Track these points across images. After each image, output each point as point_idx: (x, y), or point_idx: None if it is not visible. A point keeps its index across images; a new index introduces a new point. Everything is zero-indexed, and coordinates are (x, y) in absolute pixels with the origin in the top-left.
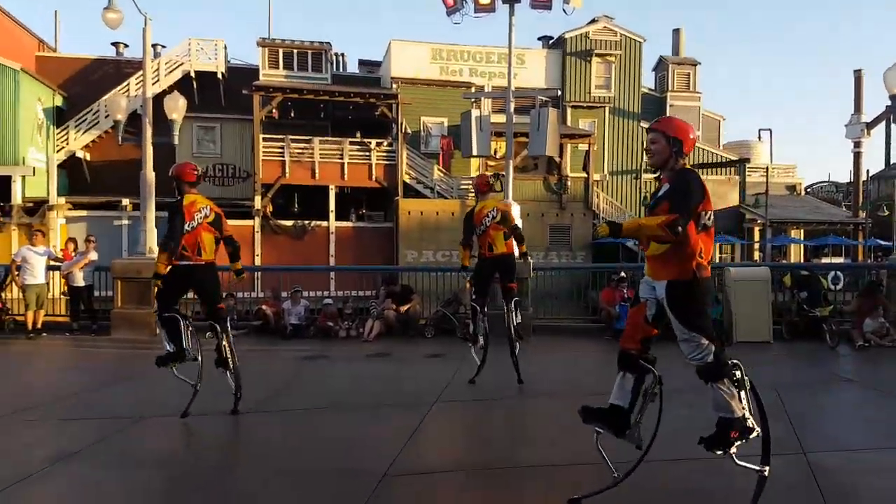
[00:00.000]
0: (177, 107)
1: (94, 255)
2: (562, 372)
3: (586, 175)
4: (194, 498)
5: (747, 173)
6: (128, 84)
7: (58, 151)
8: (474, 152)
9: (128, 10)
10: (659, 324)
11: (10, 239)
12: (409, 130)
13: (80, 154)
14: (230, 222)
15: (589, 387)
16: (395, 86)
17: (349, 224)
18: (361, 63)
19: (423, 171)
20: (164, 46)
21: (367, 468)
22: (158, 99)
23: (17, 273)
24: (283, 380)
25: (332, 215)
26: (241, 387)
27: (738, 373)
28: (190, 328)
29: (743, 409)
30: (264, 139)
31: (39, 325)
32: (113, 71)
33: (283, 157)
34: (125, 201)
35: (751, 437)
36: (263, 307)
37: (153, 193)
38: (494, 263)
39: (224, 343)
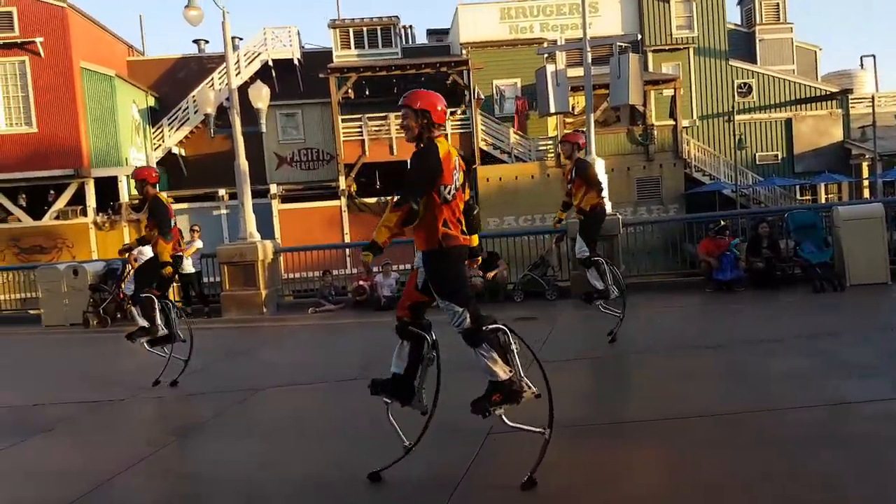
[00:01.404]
0: (261, 95)
1: (199, 244)
2: (660, 328)
3: (674, 122)
4: (316, 460)
5: (851, 105)
6: (212, 78)
7: (155, 149)
8: (552, 109)
9: (206, 7)
10: (428, 291)
11: (121, 235)
12: (482, 96)
13: (175, 150)
14: (319, 204)
15: (691, 341)
16: (464, 52)
17: None
18: (430, 33)
19: (499, 136)
20: (241, 38)
21: (472, 426)
22: (242, 90)
23: (134, 265)
24: (383, 347)
25: None
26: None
27: (502, 336)
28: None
29: (509, 372)
30: (343, 120)
31: None
32: (197, 67)
33: (361, 136)
34: (221, 191)
35: (519, 400)
36: (360, 282)
37: (248, 181)
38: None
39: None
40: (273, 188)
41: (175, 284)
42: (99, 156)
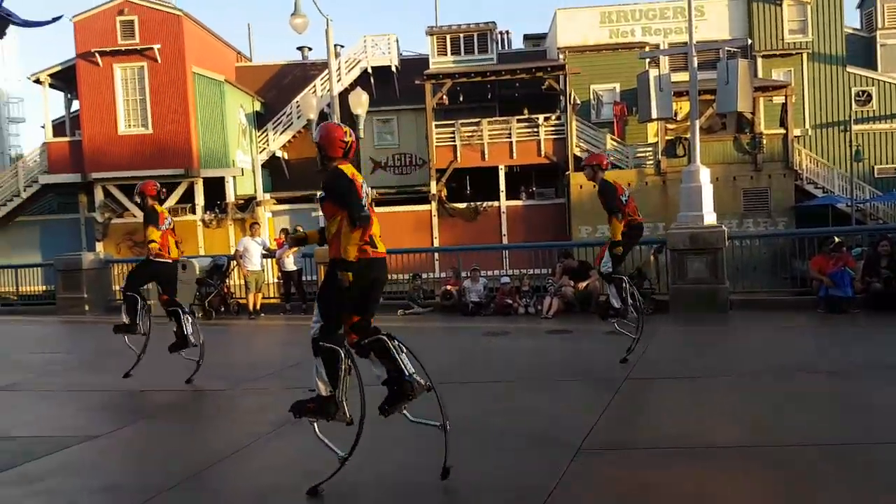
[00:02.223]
0: (360, 102)
1: None
2: (765, 349)
3: (784, 130)
4: (398, 461)
5: None
6: (314, 85)
7: (260, 153)
8: (654, 115)
9: (310, 15)
10: (358, 309)
11: (227, 232)
12: (578, 101)
13: (279, 153)
14: (410, 208)
15: (803, 364)
16: (561, 56)
17: (519, 203)
18: (527, 38)
19: (595, 142)
20: (342, 46)
21: (561, 441)
22: (342, 96)
23: (240, 261)
24: (468, 353)
25: (502, 195)
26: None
27: (336, 359)
28: (144, 308)
29: (329, 391)
30: (436, 126)
31: (258, 307)
32: (300, 73)
33: (454, 141)
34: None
35: (325, 419)
36: (448, 287)
37: None
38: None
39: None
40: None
41: (276, 281)
42: (208, 157)
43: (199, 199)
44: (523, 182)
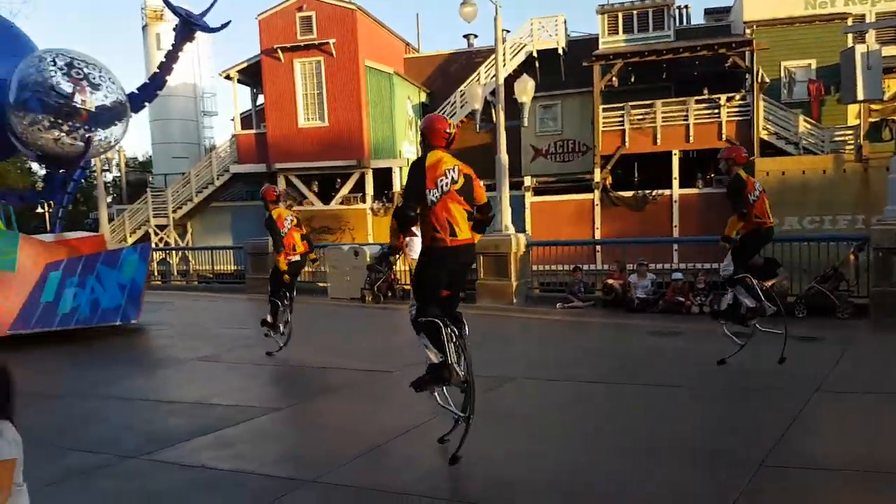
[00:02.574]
0: (525, 89)
1: None
2: None
3: None
4: (563, 458)
5: None
6: (478, 73)
7: None
8: (860, 96)
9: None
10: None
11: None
12: (766, 79)
13: None
14: (571, 196)
15: None
16: (748, 31)
17: (695, 191)
18: (708, 12)
19: (785, 125)
20: (508, 31)
21: (741, 454)
22: (506, 83)
23: (405, 249)
24: (632, 354)
25: (675, 182)
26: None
27: (439, 332)
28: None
29: (440, 358)
30: (604, 109)
31: None
32: (465, 62)
33: (622, 125)
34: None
35: (444, 384)
36: (609, 280)
37: (507, 174)
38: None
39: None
40: (527, 180)
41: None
42: (377, 148)
43: (369, 189)
44: (700, 168)
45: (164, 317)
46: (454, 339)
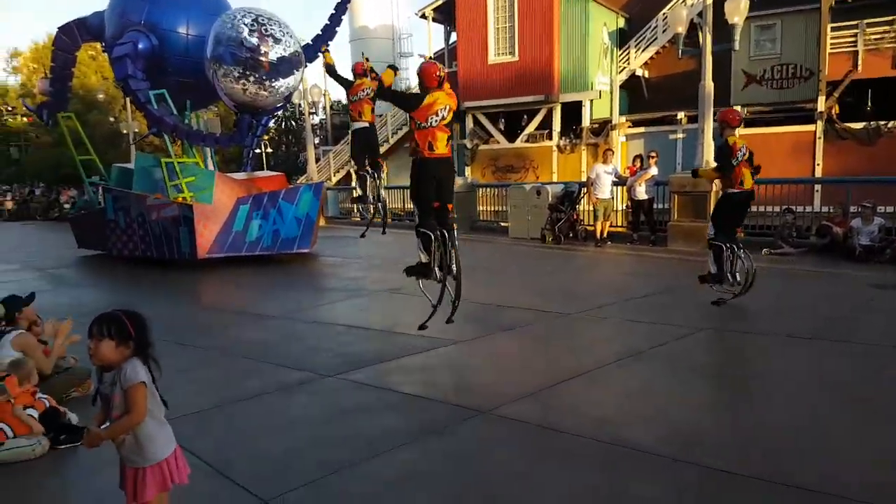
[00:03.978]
0: (738, 9)
1: (654, 171)
2: None
3: None
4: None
5: None
6: None
7: (620, 73)
8: None
9: None
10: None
11: (579, 158)
12: None
13: (639, 72)
14: (787, 128)
15: None
16: None
17: None
18: None
19: None
20: None
21: None
22: (715, 4)
23: (591, 188)
24: (847, 309)
25: None
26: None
27: (430, 241)
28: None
29: (427, 259)
30: (832, 28)
31: (606, 235)
32: None
33: (854, 46)
34: (680, 114)
35: (425, 278)
36: (827, 223)
37: (711, 104)
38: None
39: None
40: (737, 110)
41: (625, 208)
42: (567, 81)
43: (556, 126)
44: None
45: (360, 250)
46: (440, 249)
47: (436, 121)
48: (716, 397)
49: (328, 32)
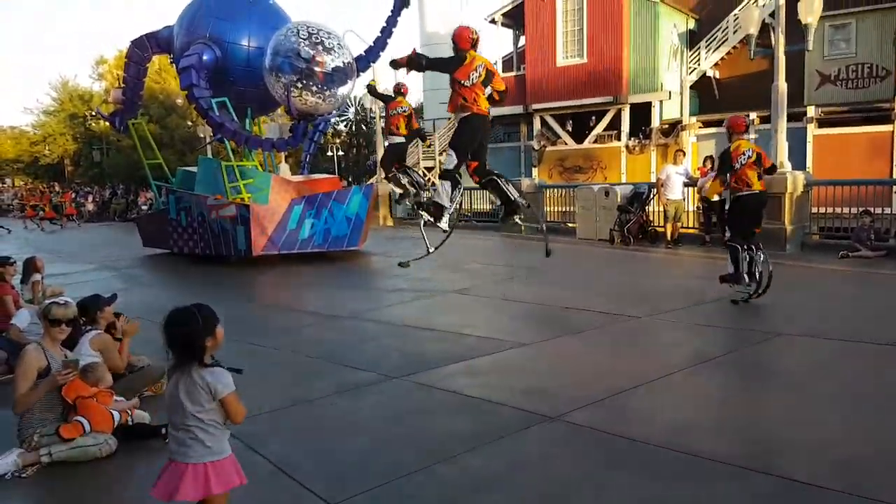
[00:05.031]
0: (811, 9)
1: None
2: None
3: None
4: (836, 427)
5: None
6: None
7: (690, 73)
8: None
9: None
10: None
11: (649, 159)
12: None
13: (710, 73)
14: (864, 129)
15: None
16: None
17: None
18: None
19: None
20: None
21: None
22: (789, 4)
23: (661, 189)
24: None
25: None
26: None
27: (453, 187)
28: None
29: (449, 202)
30: None
31: (676, 236)
32: None
33: None
34: (752, 115)
35: (434, 220)
36: None
37: (784, 105)
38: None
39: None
40: (810, 111)
41: (696, 209)
42: (636, 82)
43: (625, 126)
44: None
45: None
46: (458, 196)
47: (476, 77)
48: (790, 406)
49: (379, 44)
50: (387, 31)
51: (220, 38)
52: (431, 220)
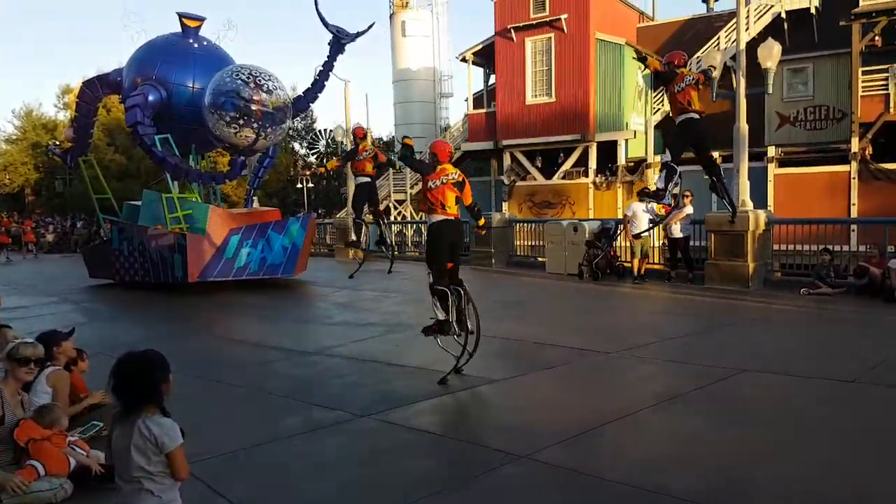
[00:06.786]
0: (771, 54)
1: (689, 209)
2: None
3: None
4: (805, 461)
5: None
6: (718, 38)
7: (654, 113)
8: None
9: None
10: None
11: (615, 195)
12: None
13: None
14: (821, 168)
15: None
16: None
17: None
18: None
19: None
20: None
21: None
22: (749, 48)
23: (627, 226)
24: (887, 352)
25: None
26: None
27: (446, 298)
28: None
29: (445, 316)
30: (864, 72)
31: (643, 272)
32: (704, 28)
33: (886, 89)
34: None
35: (444, 335)
36: (864, 263)
37: (746, 145)
38: None
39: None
40: (771, 151)
41: (661, 245)
42: (603, 121)
43: (592, 163)
44: None
45: (399, 285)
46: (456, 304)
47: (446, 180)
48: (755, 441)
49: (315, 88)
50: (324, 75)
51: (166, 79)
52: (440, 337)
